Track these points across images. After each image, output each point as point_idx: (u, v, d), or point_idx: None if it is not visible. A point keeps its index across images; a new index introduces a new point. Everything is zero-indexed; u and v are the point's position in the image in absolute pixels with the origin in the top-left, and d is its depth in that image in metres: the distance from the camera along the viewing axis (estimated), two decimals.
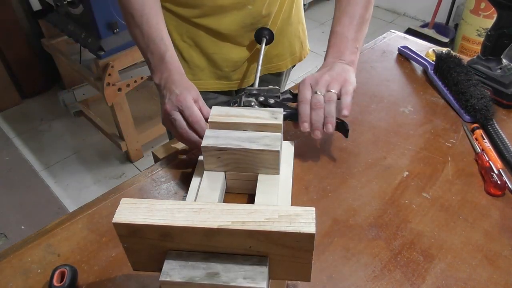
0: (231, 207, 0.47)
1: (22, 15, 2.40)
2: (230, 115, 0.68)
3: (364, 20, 0.81)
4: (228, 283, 0.45)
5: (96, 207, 0.69)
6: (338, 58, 0.78)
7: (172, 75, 0.73)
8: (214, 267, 0.46)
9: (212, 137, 0.65)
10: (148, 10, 0.77)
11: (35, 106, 2.58)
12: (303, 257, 0.47)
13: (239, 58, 0.98)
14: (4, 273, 0.60)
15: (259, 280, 0.45)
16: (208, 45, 0.95)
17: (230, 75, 1.00)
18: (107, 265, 0.61)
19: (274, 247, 0.46)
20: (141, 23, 0.77)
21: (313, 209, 0.46)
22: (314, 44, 3.13)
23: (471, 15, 2.58)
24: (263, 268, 0.46)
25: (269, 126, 0.67)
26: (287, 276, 0.50)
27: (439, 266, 0.60)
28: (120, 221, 0.46)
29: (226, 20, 0.90)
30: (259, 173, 0.67)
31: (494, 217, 0.67)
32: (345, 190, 0.71)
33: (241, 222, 0.45)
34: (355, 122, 0.85)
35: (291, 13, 1.01)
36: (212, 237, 0.46)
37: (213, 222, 0.45)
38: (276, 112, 0.69)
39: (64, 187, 2.06)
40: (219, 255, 0.47)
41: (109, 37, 1.77)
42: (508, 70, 0.88)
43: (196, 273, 0.46)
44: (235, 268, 0.46)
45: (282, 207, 0.47)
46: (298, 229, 0.44)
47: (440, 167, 0.75)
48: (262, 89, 0.78)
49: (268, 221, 0.45)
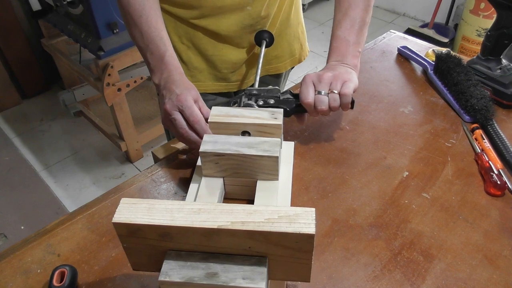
0: (230, 208, 0.47)
1: (22, 15, 2.40)
2: (230, 115, 0.68)
3: (365, 23, 0.81)
4: (227, 283, 0.45)
5: (96, 207, 0.69)
6: (341, 61, 0.78)
7: (172, 75, 0.73)
8: (213, 267, 0.46)
9: (210, 142, 0.64)
10: (147, 10, 0.77)
11: (35, 106, 2.57)
12: (303, 257, 0.46)
13: (237, 59, 0.98)
14: (4, 273, 0.60)
15: (258, 280, 0.45)
16: (206, 47, 0.95)
17: (228, 76, 1.00)
18: (107, 265, 0.61)
19: (273, 248, 0.46)
20: (140, 23, 0.77)
21: (313, 210, 0.46)
22: (314, 44, 3.14)
23: (471, 15, 2.58)
24: (262, 268, 0.46)
25: (268, 126, 0.67)
26: (287, 276, 0.50)
27: (439, 266, 0.60)
28: (120, 221, 0.46)
29: (225, 22, 0.90)
30: (258, 179, 0.66)
31: (494, 217, 0.67)
32: (345, 190, 0.71)
33: (240, 222, 0.45)
34: (355, 122, 0.85)
35: (290, 15, 1.01)
36: (212, 237, 0.46)
37: (213, 222, 0.45)
38: (276, 112, 0.69)
39: (64, 187, 2.06)
40: (219, 256, 0.47)
41: (109, 37, 1.77)
42: (508, 70, 0.88)
43: (195, 273, 0.46)
44: (234, 269, 0.46)
45: (281, 208, 0.46)
46: (298, 230, 0.44)
47: (440, 167, 0.75)
48: (262, 89, 0.78)
49: (268, 221, 0.45)
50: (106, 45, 1.76)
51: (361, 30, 0.81)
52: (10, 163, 2.19)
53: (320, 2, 3.70)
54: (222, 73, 0.99)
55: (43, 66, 2.56)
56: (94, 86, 1.91)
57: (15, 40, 2.38)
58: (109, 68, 1.77)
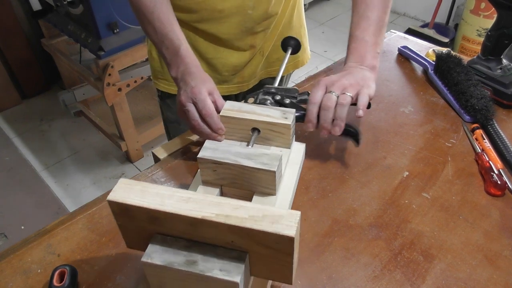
0: (219, 200, 0.48)
1: (22, 15, 2.40)
2: (242, 111, 0.70)
3: (384, 23, 0.80)
4: (203, 272, 0.46)
5: (96, 207, 0.69)
6: (360, 63, 0.76)
7: (188, 67, 0.75)
8: (194, 256, 0.48)
9: (210, 149, 0.63)
10: (158, 6, 0.78)
11: (35, 106, 2.57)
12: (283, 259, 0.46)
13: (238, 62, 0.97)
14: (4, 273, 0.60)
15: (234, 274, 0.46)
16: (207, 50, 0.95)
17: (230, 79, 1.00)
18: (107, 265, 0.61)
19: (254, 245, 0.46)
20: (152, 19, 0.78)
21: (299, 213, 0.46)
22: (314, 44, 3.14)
23: (471, 15, 2.58)
24: (241, 263, 0.47)
25: (278, 125, 0.68)
26: (268, 275, 0.50)
27: (439, 266, 0.60)
28: (113, 199, 0.48)
29: (225, 25, 0.89)
30: (255, 191, 0.64)
31: (494, 217, 0.67)
32: (345, 190, 0.71)
33: (224, 216, 0.46)
34: (355, 122, 0.85)
35: (293, 17, 1.00)
36: (197, 226, 0.47)
37: (198, 212, 0.46)
38: (287, 112, 0.69)
39: (64, 187, 2.06)
40: (202, 245, 0.49)
41: (109, 37, 1.77)
42: (508, 70, 0.88)
43: (176, 259, 0.47)
44: (214, 260, 0.47)
45: (268, 208, 0.46)
46: (278, 231, 0.44)
47: (440, 167, 0.75)
48: (280, 88, 0.78)
49: (251, 218, 0.45)
50: (106, 45, 1.76)
51: (379, 30, 0.79)
52: (10, 163, 2.19)
53: (321, 2, 3.70)
54: (223, 76, 0.99)
55: (43, 66, 2.56)
56: (94, 86, 1.91)
57: (15, 40, 2.38)
58: (109, 68, 1.77)
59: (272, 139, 0.70)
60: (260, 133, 0.70)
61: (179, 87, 0.75)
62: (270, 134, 0.70)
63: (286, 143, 0.70)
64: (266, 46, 0.98)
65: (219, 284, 0.46)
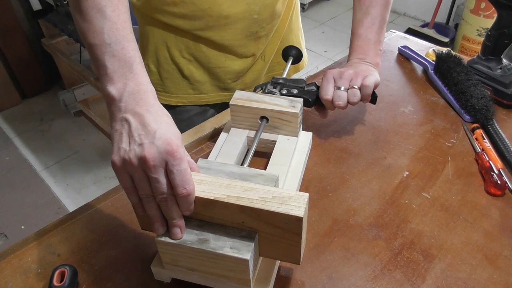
0: (230, 183, 0.50)
1: (22, 15, 2.40)
2: (251, 100, 0.72)
3: (385, 21, 0.81)
4: (215, 250, 0.48)
5: (96, 207, 0.69)
6: (363, 59, 0.78)
7: (141, 90, 0.53)
8: (205, 235, 0.50)
9: (203, 168, 0.58)
10: (115, 2, 0.57)
11: (35, 106, 2.58)
12: (292, 239, 0.48)
13: (241, 69, 0.95)
14: (4, 273, 0.60)
15: (244, 251, 0.48)
16: (209, 59, 0.92)
17: (232, 86, 0.98)
18: (107, 265, 0.61)
19: (264, 225, 0.48)
20: (102, 16, 0.56)
21: (307, 195, 0.48)
22: (314, 44, 3.14)
23: (471, 15, 2.58)
24: (251, 242, 0.49)
25: (286, 114, 0.71)
26: (277, 255, 0.52)
27: (439, 266, 0.60)
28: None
29: (230, 31, 0.87)
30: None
31: (494, 217, 0.67)
32: (345, 190, 0.71)
33: (235, 197, 0.48)
34: (355, 122, 0.85)
35: (291, 20, 1.00)
36: (209, 207, 0.49)
37: (211, 193, 0.49)
38: (295, 101, 0.72)
39: (64, 187, 2.06)
40: (213, 225, 0.51)
41: None
42: (508, 70, 0.88)
43: (188, 238, 0.50)
44: (225, 238, 0.49)
45: (277, 189, 0.49)
46: (287, 211, 0.46)
47: (440, 167, 0.75)
48: (288, 79, 0.80)
49: (261, 199, 0.47)
50: None
51: (381, 28, 0.80)
52: (10, 163, 2.19)
53: (320, 2, 3.70)
54: (226, 83, 0.97)
55: (43, 66, 2.56)
56: (94, 85, 1.91)
57: (15, 40, 2.38)
58: None
59: (280, 128, 0.73)
60: (268, 121, 0.73)
61: (115, 119, 0.53)
62: (278, 123, 0.73)
63: (294, 131, 0.73)
64: (268, 51, 0.98)
65: (229, 261, 0.48)
